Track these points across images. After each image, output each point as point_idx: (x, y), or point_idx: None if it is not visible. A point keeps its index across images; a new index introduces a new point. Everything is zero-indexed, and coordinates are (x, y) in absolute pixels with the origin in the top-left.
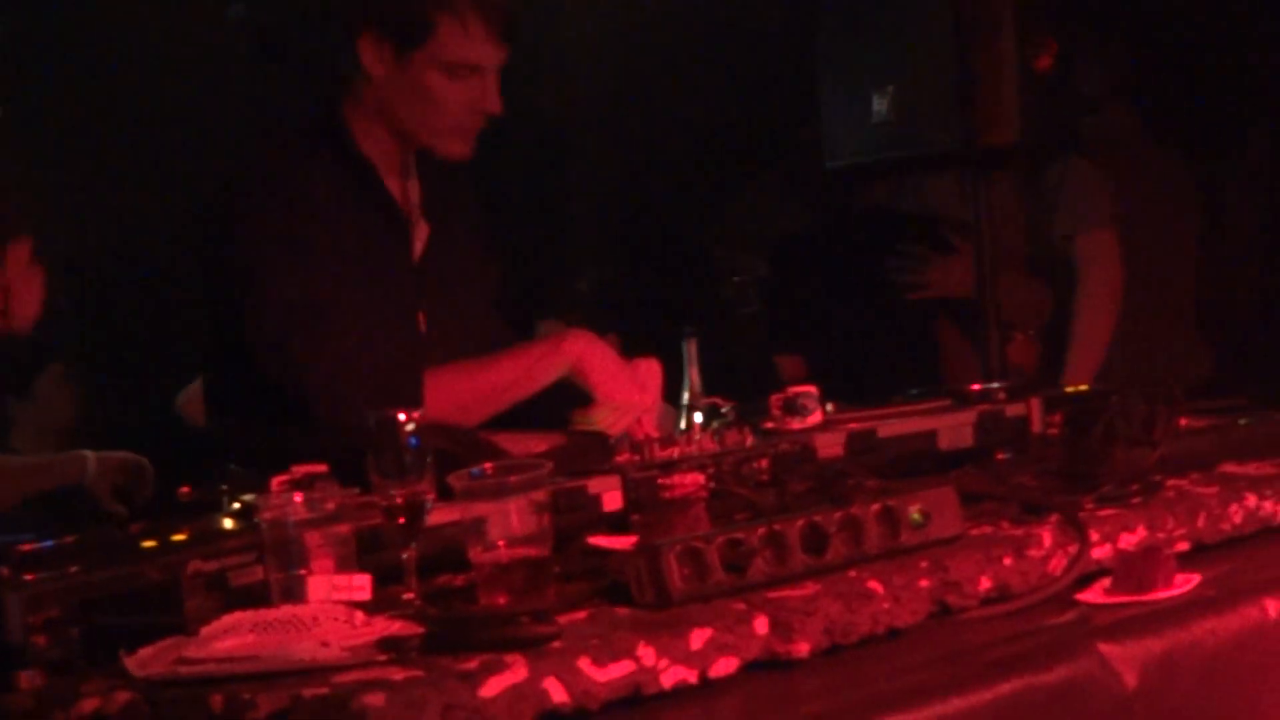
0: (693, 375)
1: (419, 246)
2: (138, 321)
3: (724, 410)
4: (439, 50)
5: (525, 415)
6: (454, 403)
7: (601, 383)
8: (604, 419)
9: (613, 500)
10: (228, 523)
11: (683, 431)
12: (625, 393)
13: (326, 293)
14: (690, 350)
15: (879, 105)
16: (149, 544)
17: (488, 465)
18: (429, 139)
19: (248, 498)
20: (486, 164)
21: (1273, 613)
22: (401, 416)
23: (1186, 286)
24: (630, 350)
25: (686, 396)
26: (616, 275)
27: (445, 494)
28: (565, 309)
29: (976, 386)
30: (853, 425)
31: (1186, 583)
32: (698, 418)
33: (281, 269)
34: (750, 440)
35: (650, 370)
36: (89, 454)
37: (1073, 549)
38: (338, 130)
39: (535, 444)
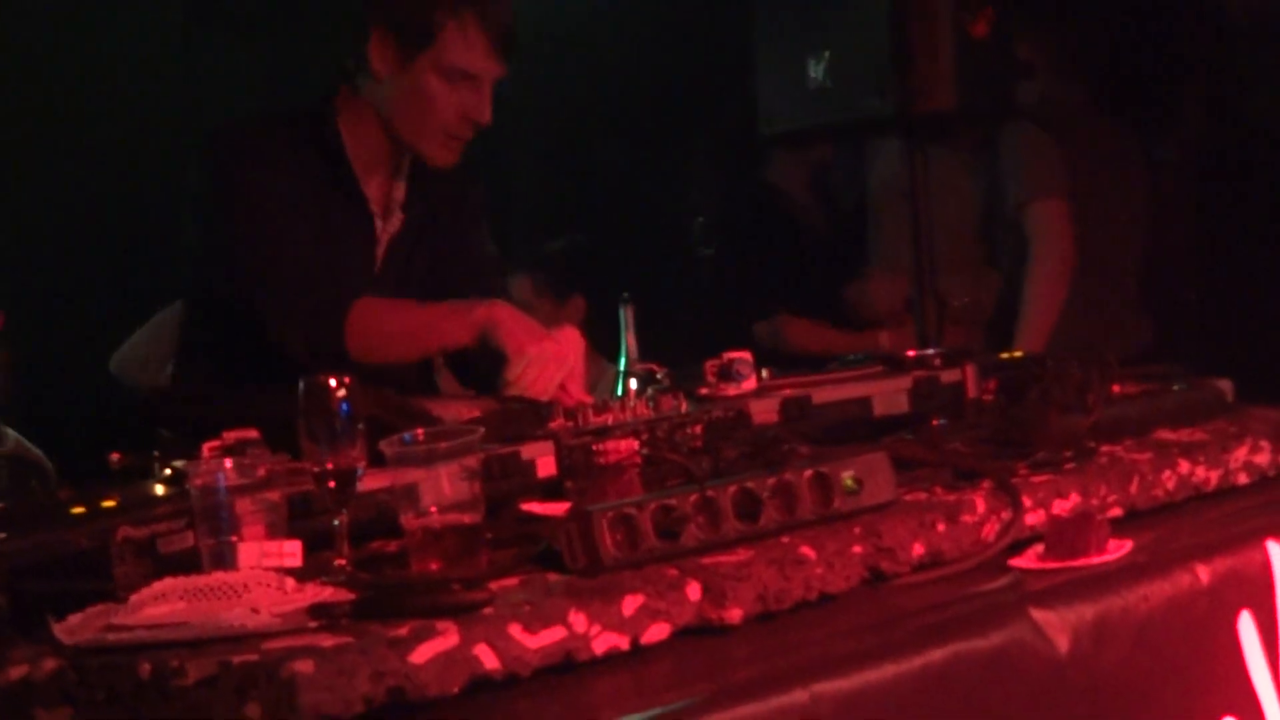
0: (629, 341)
1: (385, 239)
2: (68, 284)
3: (659, 376)
4: (441, 55)
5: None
6: (376, 329)
7: (510, 337)
8: (516, 371)
9: (547, 466)
10: (158, 489)
11: (618, 398)
12: (536, 345)
13: (277, 230)
14: (627, 316)
15: (814, 72)
16: (78, 510)
17: (419, 431)
18: (416, 142)
19: (179, 464)
20: None
21: (1204, 578)
22: (333, 382)
23: (1131, 255)
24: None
25: (623, 363)
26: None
27: (377, 460)
28: (532, 268)
29: (912, 352)
30: (787, 391)
31: (1119, 548)
32: (633, 384)
33: (240, 220)
34: (684, 406)
35: (569, 338)
36: None
37: (1006, 515)
38: (325, 119)
39: (468, 410)
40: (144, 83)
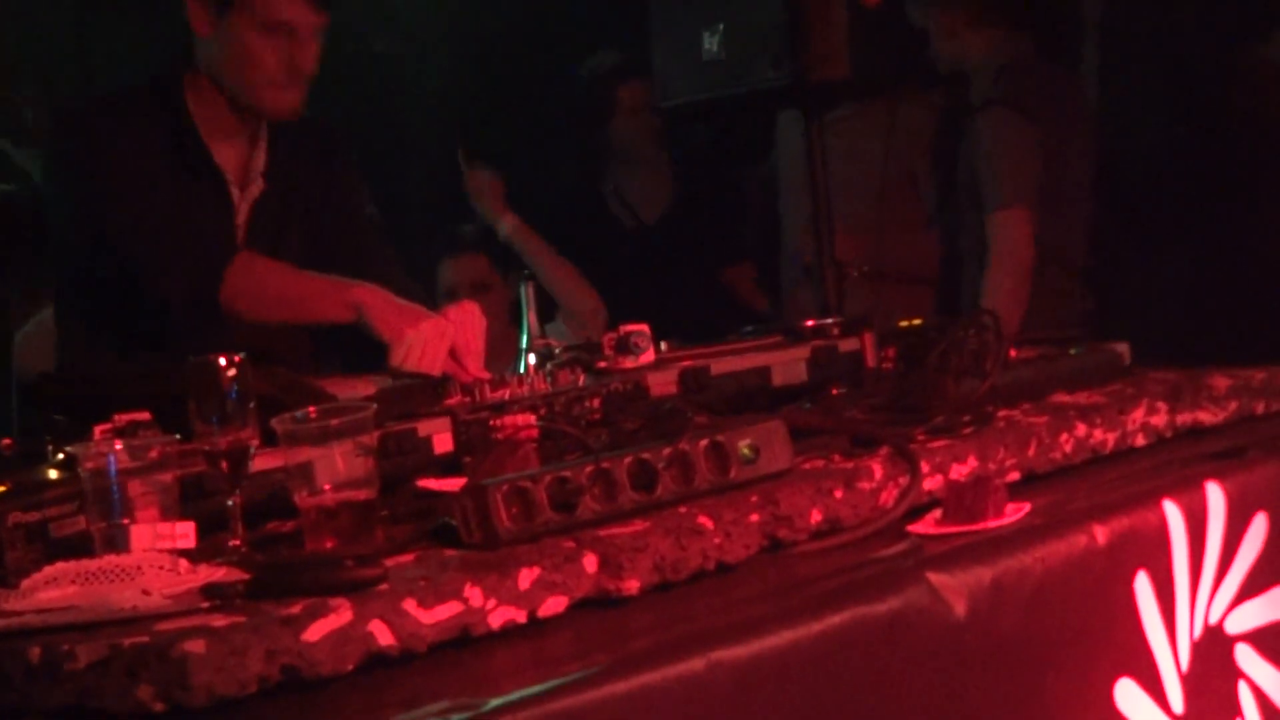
0: (530, 318)
1: (245, 208)
2: None
3: (557, 351)
4: (254, 9)
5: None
6: (255, 287)
7: (385, 324)
8: (399, 355)
9: (444, 443)
10: (50, 473)
11: (517, 373)
12: (412, 328)
13: (142, 188)
14: (528, 293)
15: (709, 44)
16: None
17: (311, 409)
18: (250, 97)
19: (70, 448)
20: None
21: (1100, 539)
22: (222, 361)
23: (1075, 228)
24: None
25: (525, 340)
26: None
27: (270, 440)
28: (454, 250)
29: (810, 322)
30: (686, 363)
31: (1017, 511)
32: (532, 359)
33: (104, 181)
34: (582, 380)
35: (468, 311)
36: None
37: (904, 481)
38: (169, 91)
39: (363, 387)
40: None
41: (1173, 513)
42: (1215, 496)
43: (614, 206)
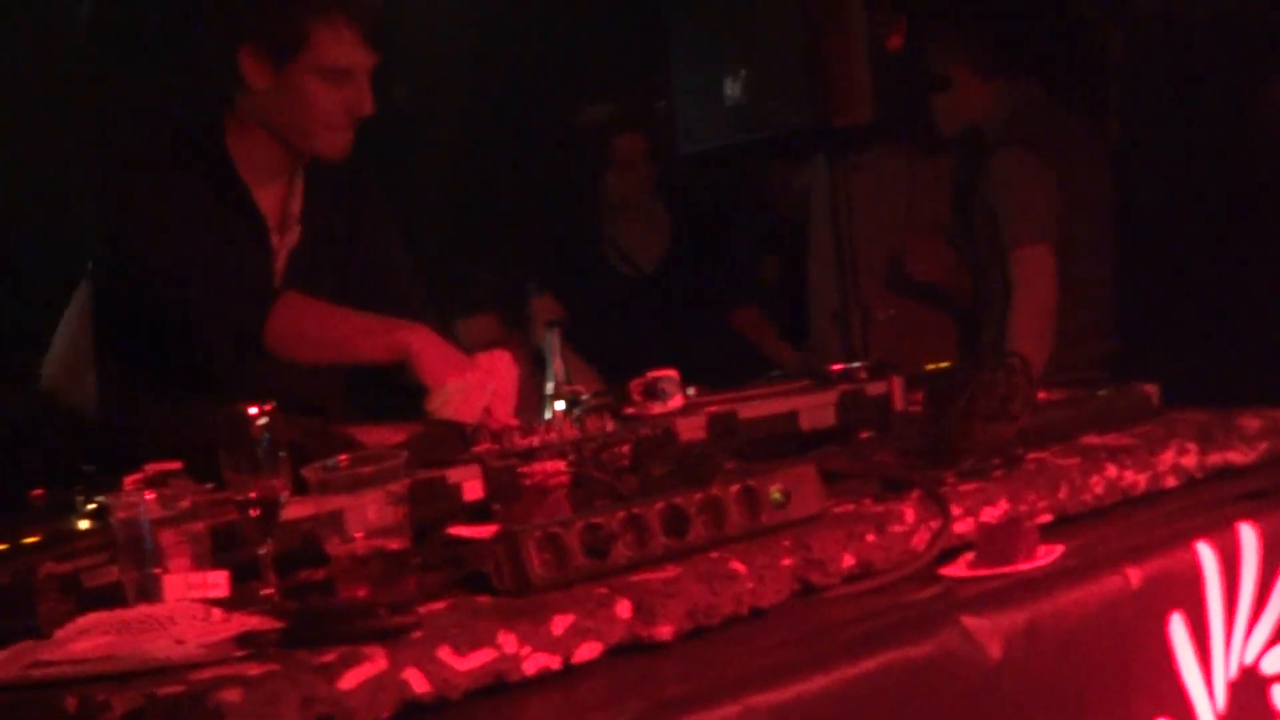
0: (556, 365)
1: (284, 252)
2: None
3: (585, 398)
4: (315, 58)
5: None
6: (298, 326)
7: (429, 370)
8: (437, 403)
9: (473, 490)
10: (81, 524)
11: (545, 420)
12: (455, 377)
13: (187, 227)
14: (554, 341)
15: (731, 89)
16: (0, 547)
17: (342, 457)
18: (305, 142)
19: (101, 498)
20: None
21: (1134, 581)
22: (252, 410)
23: (1103, 262)
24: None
25: (550, 386)
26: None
27: (301, 488)
28: (466, 310)
29: (838, 366)
30: (713, 408)
31: (1049, 554)
32: (560, 406)
33: (150, 220)
34: (611, 426)
35: (501, 360)
36: None
37: (935, 524)
38: (211, 135)
39: (392, 435)
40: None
41: (1206, 554)
42: (1248, 537)
43: (612, 257)
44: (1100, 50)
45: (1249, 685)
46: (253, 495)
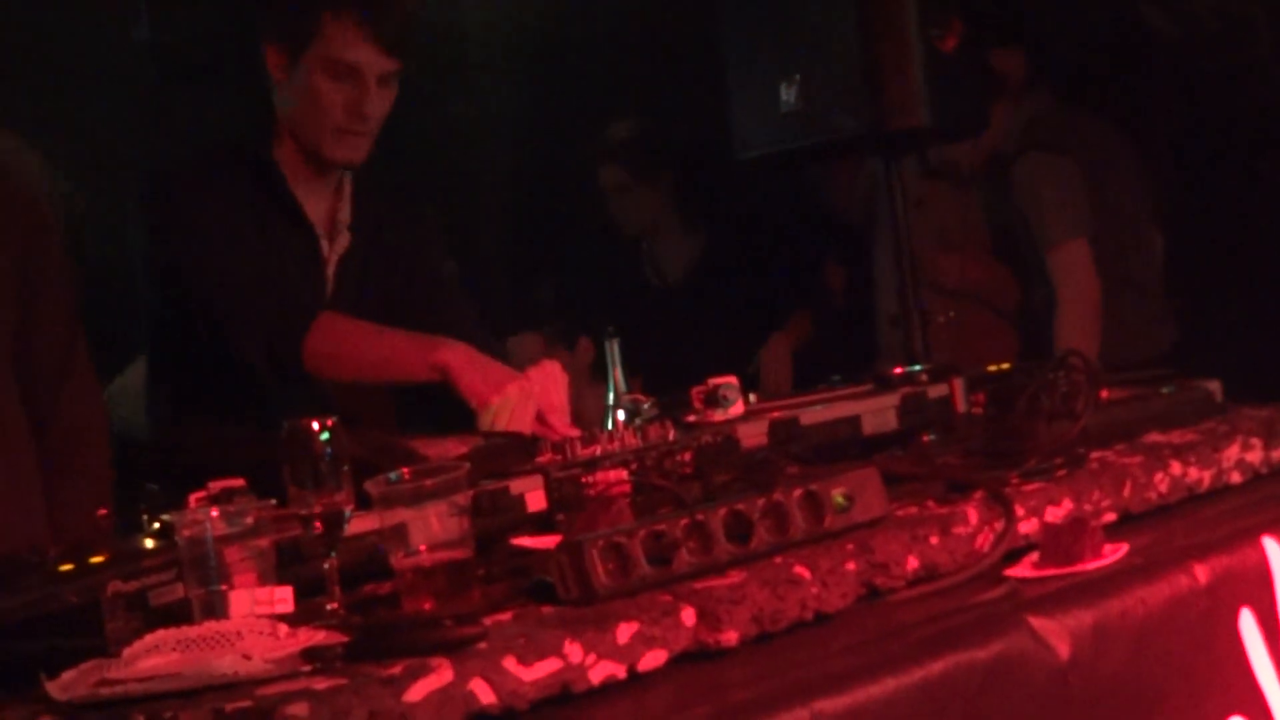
0: (616, 375)
1: (334, 260)
2: None
3: (646, 406)
4: (323, 49)
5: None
6: (336, 346)
7: (471, 391)
8: (485, 422)
9: (536, 501)
10: (147, 542)
11: (606, 429)
12: (497, 394)
13: (228, 245)
14: (613, 351)
15: (786, 95)
16: (67, 567)
17: (405, 470)
18: (315, 142)
19: (166, 516)
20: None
21: (1201, 578)
22: (315, 425)
23: (1149, 257)
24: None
25: (611, 396)
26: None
27: (364, 502)
28: (537, 320)
29: (899, 370)
30: (775, 414)
31: (1114, 552)
32: (621, 415)
33: (189, 240)
34: (672, 434)
35: (549, 371)
36: None
37: (999, 525)
38: (259, 144)
39: (454, 447)
40: (117, 136)
41: (1273, 549)
42: None
43: (647, 270)
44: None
45: None
46: (316, 510)
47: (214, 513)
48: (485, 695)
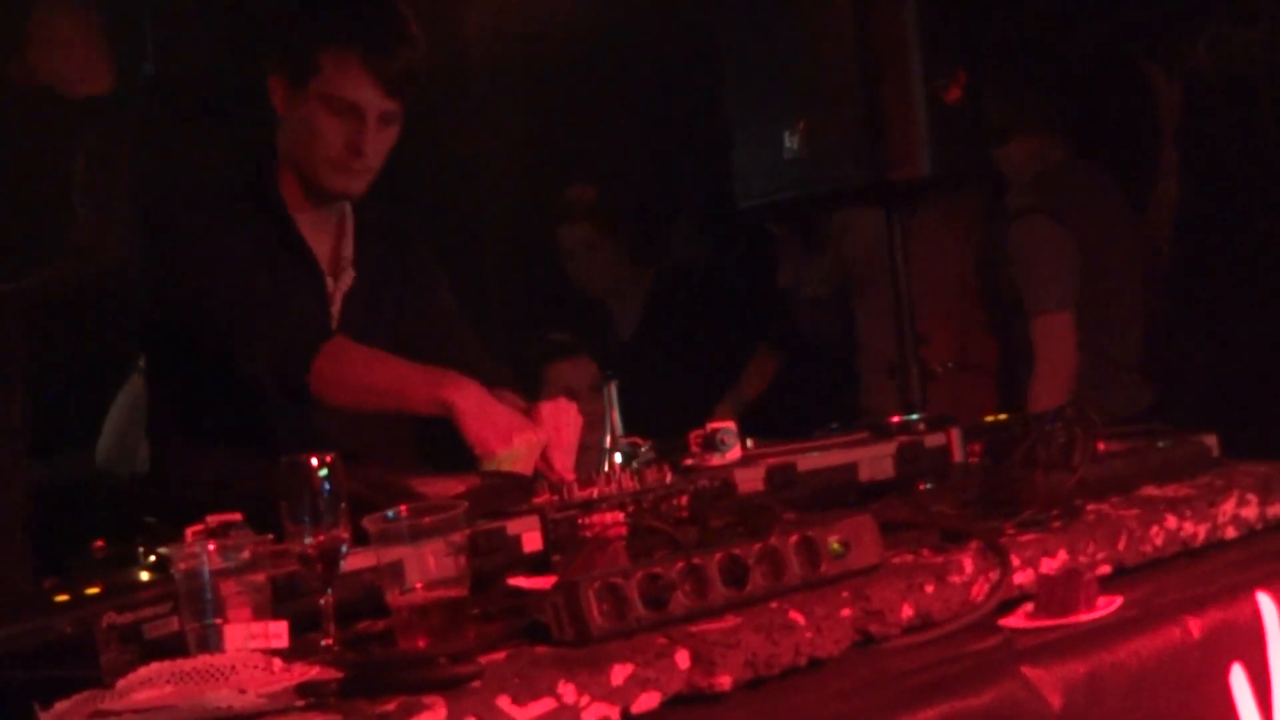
0: (613, 418)
1: (339, 296)
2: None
3: (643, 449)
4: (322, 85)
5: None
6: (344, 371)
7: (475, 435)
8: (488, 469)
9: (533, 541)
10: (142, 575)
11: (603, 472)
12: (503, 445)
13: (237, 271)
14: (610, 393)
15: (789, 142)
16: (62, 598)
17: (403, 508)
18: (313, 174)
19: (163, 550)
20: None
21: (1195, 632)
22: (314, 460)
23: (1129, 314)
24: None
25: (608, 439)
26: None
27: (361, 539)
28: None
29: (896, 418)
30: (772, 460)
31: (1109, 605)
32: (618, 458)
33: (199, 264)
34: (669, 477)
35: (563, 410)
36: None
37: (994, 575)
38: (264, 179)
39: (452, 486)
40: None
41: (1266, 605)
42: None
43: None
44: (1148, 107)
45: None
46: (313, 546)
47: (211, 546)
48: None
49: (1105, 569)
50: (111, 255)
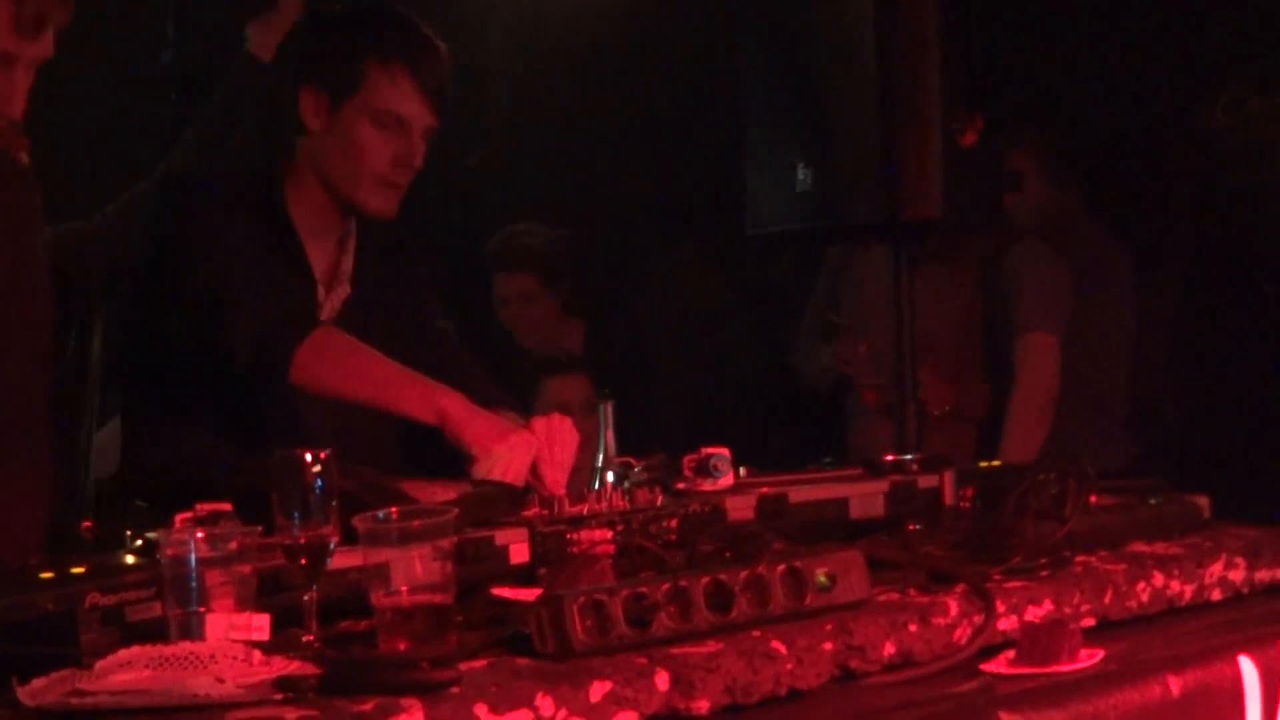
0: (608, 437)
1: (330, 307)
2: None
3: (636, 469)
4: (368, 99)
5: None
6: (333, 357)
7: (471, 434)
8: (485, 468)
9: (520, 553)
10: (129, 558)
11: (594, 490)
12: (501, 441)
13: (231, 254)
14: (606, 413)
15: (803, 175)
16: (46, 575)
17: (393, 510)
18: (352, 191)
19: (150, 534)
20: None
21: (1175, 690)
22: (309, 456)
23: (1120, 369)
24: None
25: (601, 458)
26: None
27: (350, 537)
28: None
29: (890, 457)
30: (764, 489)
31: (1091, 657)
32: (610, 478)
33: (195, 244)
34: (660, 500)
35: (558, 426)
36: None
37: (978, 619)
38: (270, 184)
39: (443, 492)
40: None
41: (1248, 669)
42: None
43: None
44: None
45: None
46: (301, 541)
47: (199, 534)
48: None
49: (1089, 621)
50: None
